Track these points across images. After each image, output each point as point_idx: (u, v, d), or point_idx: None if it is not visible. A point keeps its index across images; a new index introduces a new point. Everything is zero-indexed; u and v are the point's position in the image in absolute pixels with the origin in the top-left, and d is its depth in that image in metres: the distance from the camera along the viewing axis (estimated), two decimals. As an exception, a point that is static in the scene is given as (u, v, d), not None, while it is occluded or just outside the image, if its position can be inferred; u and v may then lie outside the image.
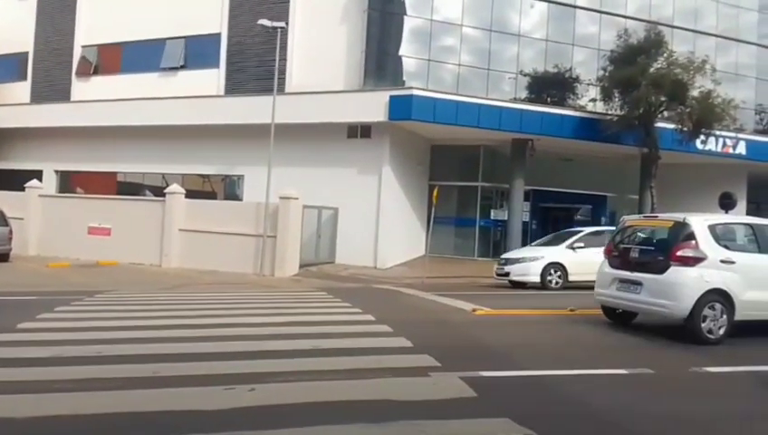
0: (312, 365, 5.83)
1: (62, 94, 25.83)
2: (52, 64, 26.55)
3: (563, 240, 15.54)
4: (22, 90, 26.92)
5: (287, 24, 19.77)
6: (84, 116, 23.47)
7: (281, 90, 19.75)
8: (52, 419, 4.15)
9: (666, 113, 19.71)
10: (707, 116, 18.85)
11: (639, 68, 18.83)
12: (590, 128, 20.28)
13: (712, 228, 8.17)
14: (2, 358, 5.83)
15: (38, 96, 26.49)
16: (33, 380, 5.10)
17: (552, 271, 14.80)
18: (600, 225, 23.73)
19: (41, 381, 5.04)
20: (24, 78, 27.16)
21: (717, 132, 20.32)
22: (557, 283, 14.74)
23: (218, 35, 22.98)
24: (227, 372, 5.40)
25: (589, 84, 22.28)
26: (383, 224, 19.22)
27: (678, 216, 8.64)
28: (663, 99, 19.05)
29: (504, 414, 4.41)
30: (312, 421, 4.16)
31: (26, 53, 27.09)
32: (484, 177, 22.26)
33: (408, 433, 4.05)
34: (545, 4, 22.35)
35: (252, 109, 20.05)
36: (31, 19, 26.92)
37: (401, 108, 18.67)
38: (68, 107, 24.84)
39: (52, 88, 26.31)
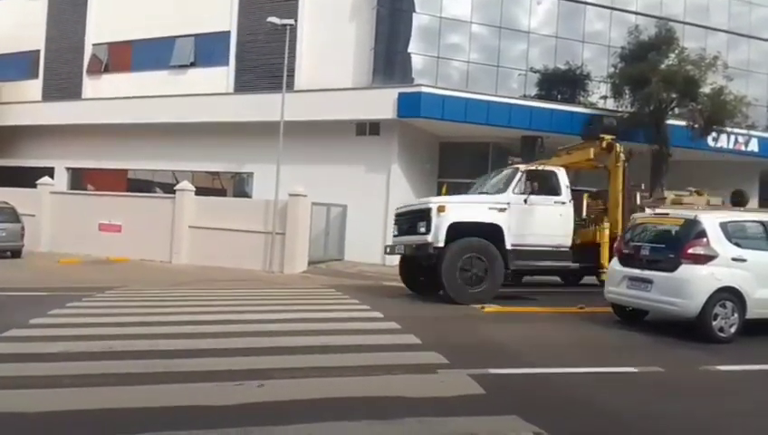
0: (321, 362, 5.84)
1: (74, 92, 25.99)
2: (63, 62, 26.70)
3: None
4: (33, 87, 27.10)
5: (296, 21, 19.76)
6: (95, 114, 23.62)
7: (290, 87, 19.77)
8: (64, 414, 4.19)
9: (677, 110, 19.54)
10: (719, 113, 18.67)
11: (650, 64, 18.66)
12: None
13: (723, 226, 8.12)
14: (14, 353, 5.89)
15: (50, 94, 26.66)
16: (44, 375, 5.15)
17: None
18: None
19: (52, 377, 5.08)
20: (36, 76, 27.34)
21: (729, 129, 20.12)
22: None
23: (228, 33, 23.01)
24: (236, 368, 5.42)
25: (599, 81, 22.12)
26: (392, 221, 19.18)
27: (689, 213, 8.58)
28: (674, 96, 18.89)
29: (513, 411, 4.41)
30: (320, 418, 4.18)
31: (38, 52, 27.26)
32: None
33: (416, 430, 4.05)
34: (554, 0, 22.20)
35: (261, 106, 20.09)
36: (42, 18, 27.08)
37: (410, 105, 18.63)
38: (79, 105, 25.00)
39: (63, 86, 26.47)
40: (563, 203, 11.39)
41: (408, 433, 4.01)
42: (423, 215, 10.88)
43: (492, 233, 10.73)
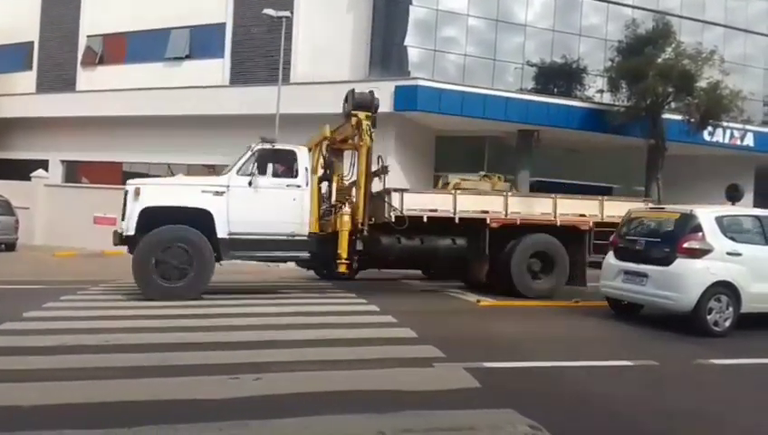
0: (317, 355, 5.84)
1: (68, 84, 25.79)
2: (57, 54, 26.48)
3: None
4: (27, 79, 26.90)
5: (292, 13, 19.68)
6: (90, 106, 23.45)
7: (286, 80, 19.69)
8: (58, 407, 4.17)
9: (673, 104, 19.57)
10: (715, 107, 18.71)
11: (647, 58, 18.68)
12: (596, 119, 20.14)
13: (719, 220, 8.14)
14: (8, 346, 5.86)
15: (44, 86, 26.46)
16: (38, 368, 5.12)
17: None
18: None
19: (46, 370, 5.06)
20: (30, 68, 27.11)
21: (725, 124, 20.18)
22: None
23: (223, 25, 22.88)
24: (232, 362, 5.41)
25: (595, 75, 22.13)
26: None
27: (685, 207, 8.61)
28: (670, 90, 18.91)
29: (508, 405, 4.42)
30: (316, 411, 4.17)
31: (32, 43, 27.03)
32: (489, 168, 22.02)
33: (411, 423, 4.05)
34: (551, -7, 22.18)
35: (257, 99, 19.98)
36: (36, 8, 26.84)
37: (406, 98, 18.58)
38: (73, 97, 24.82)
39: (57, 78, 26.26)
40: (298, 187, 10.01)
41: (403, 426, 4.01)
42: (125, 199, 9.62)
43: (203, 219, 9.43)
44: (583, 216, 11.38)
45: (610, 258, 9.15)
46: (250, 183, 9.72)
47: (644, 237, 8.76)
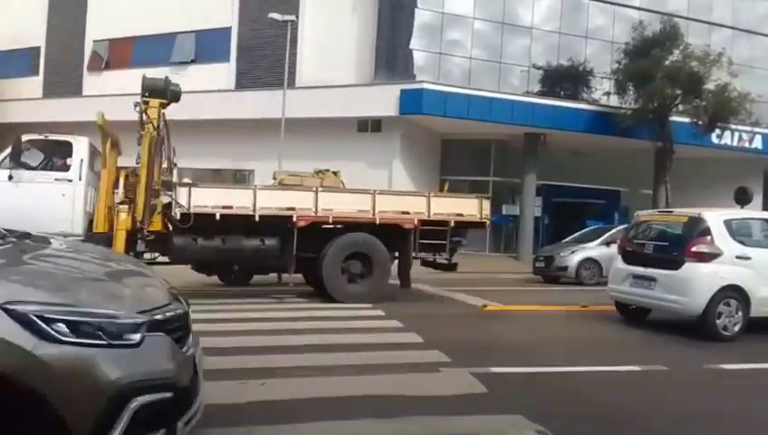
0: (322, 360, 5.80)
1: (74, 89, 25.93)
2: (63, 59, 26.64)
3: None
4: (34, 84, 27.06)
5: (297, 17, 19.74)
6: (96, 110, 23.51)
7: (291, 84, 19.73)
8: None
9: (681, 107, 19.50)
10: (723, 110, 18.64)
11: (654, 61, 18.63)
12: (603, 122, 20.08)
13: (727, 224, 8.06)
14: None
15: (50, 91, 26.62)
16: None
17: None
18: (612, 221, 23.60)
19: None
20: (37, 73, 27.29)
21: (733, 126, 20.10)
22: None
23: (228, 29, 22.98)
24: (238, 367, 5.39)
25: (602, 78, 22.07)
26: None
27: (693, 211, 8.54)
28: (678, 92, 18.86)
29: (516, 411, 4.37)
30: (321, 416, 4.15)
31: (38, 48, 27.23)
32: (495, 171, 22.12)
33: (418, 429, 4.02)
34: (557, -4, 22.17)
35: (262, 103, 20.04)
36: (43, 14, 27.04)
37: (412, 102, 18.59)
38: (80, 101, 24.92)
39: (64, 82, 26.40)
40: (70, 181, 9.32)
41: (410, 432, 3.98)
42: None
43: None
44: (407, 213, 10.36)
45: (618, 262, 9.09)
46: (10, 177, 8.96)
47: (652, 241, 8.70)
